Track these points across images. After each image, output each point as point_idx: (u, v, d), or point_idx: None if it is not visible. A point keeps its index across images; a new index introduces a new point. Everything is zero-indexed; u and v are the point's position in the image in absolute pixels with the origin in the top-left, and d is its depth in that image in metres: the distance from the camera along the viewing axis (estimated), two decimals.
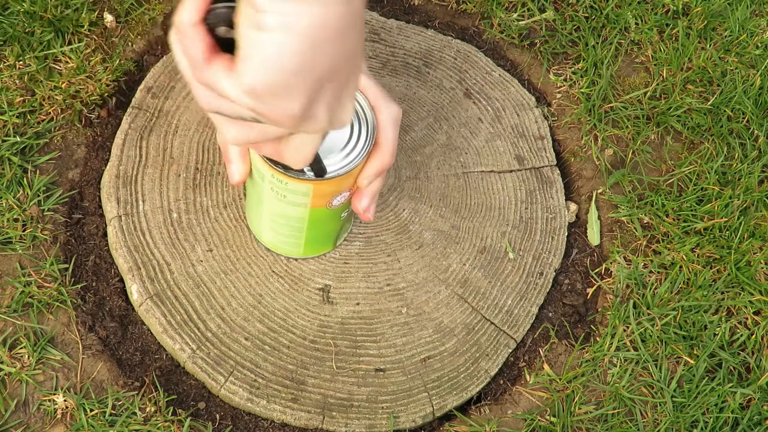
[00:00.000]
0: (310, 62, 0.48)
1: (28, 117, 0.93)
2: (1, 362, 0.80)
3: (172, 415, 0.80)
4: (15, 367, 0.80)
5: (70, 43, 0.98)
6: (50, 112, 0.94)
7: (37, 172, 0.90)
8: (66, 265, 0.86)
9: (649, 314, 0.91)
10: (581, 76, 1.07)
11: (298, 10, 0.45)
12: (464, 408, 0.86)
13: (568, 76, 1.07)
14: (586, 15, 1.12)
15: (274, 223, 0.81)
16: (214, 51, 0.51)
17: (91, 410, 0.79)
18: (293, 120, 0.51)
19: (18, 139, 0.91)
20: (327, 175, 0.70)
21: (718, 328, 0.91)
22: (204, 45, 0.51)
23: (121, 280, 0.87)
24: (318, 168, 0.70)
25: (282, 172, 0.70)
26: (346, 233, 0.90)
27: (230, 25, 0.50)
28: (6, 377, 0.80)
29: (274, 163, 0.69)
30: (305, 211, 0.76)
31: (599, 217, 0.99)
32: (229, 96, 0.50)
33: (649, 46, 1.11)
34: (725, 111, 1.06)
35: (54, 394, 0.79)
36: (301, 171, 0.70)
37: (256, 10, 0.46)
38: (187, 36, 0.51)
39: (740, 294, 0.94)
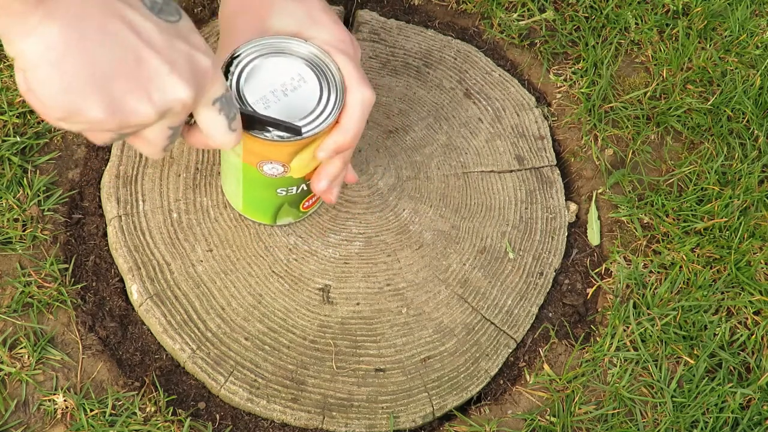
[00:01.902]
0: (62, 81, 0.54)
1: (28, 117, 0.93)
2: (1, 362, 0.80)
3: (172, 415, 0.80)
4: (15, 367, 0.80)
5: None
6: None
7: (37, 172, 0.90)
8: (66, 265, 0.86)
9: (649, 314, 0.91)
10: (581, 76, 1.07)
11: (23, 47, 0.53)
12: (464, 408, 0.86)
13: (568, 76, 1.07)
14: (586, 15, 1.12)
15: (224, 170, 0.84)
16: None
17: (91, 410, 0.79)
18: (106, 121, 0.57)
19: (18, 139, 0.91)
20: (253, 132, 0.70)
21: (718, 328, 0.91)
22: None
23: (121, 280, 0.87)
24: (285, 126, 0.70)
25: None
26: (298, 219, 0.88)
27: None
28: (6, 377, 0.80)
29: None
30: (238, 162, 0.77)
31: (599, 217, 0.99)
32: (61, 128, 0.60)
33: (649, 46, 1.11)
34: (725, 111, 1.06)
35: (54, 394, 0.79)
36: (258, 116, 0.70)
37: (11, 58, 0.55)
38: (26, 98, 0.59)
39: (740, 294, 0.94)
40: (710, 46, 1.11)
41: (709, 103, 1.06)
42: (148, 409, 0.80)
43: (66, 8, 0.53)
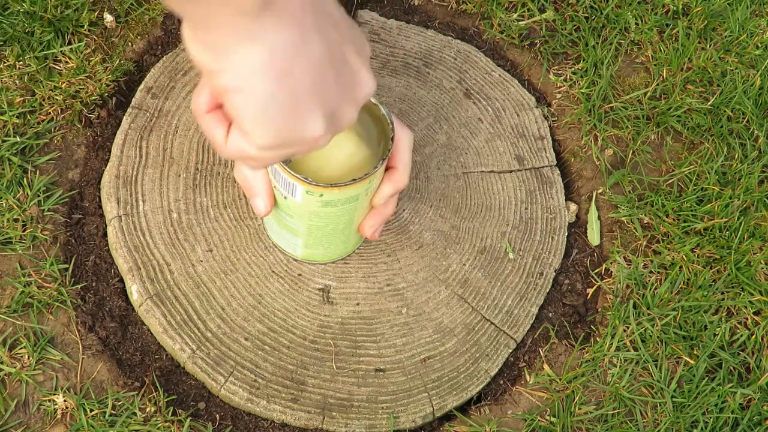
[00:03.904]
0: (289, 95, 0.47)
1: (28, 117, 0.93)
2: (1, 362, 0.80)
3: (172, 416, 0.80)
4: (15, 367, 0.80)
5: (70, 43, 0.98)
6: (50, 112, 0.94)
7: (37, 172, 0.90)
8: (66, 265, 0.86)
9: (649, 314, 0.91)
10: (581, 76, 1.07)
11: (241, 59, 0.45)
12: (464, 408, 0.86)
13: (568, 76, 1.07)
14: (586, 15, 1.12)
15: (329, 233, 0.81)
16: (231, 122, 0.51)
17: (91, 410, 0.79)
18: (322, 138, 0.51)
19: (18, 139, 0.91)
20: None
21: (718, 329, 0.91)
22: (222, 129, 0.51)
23: (121, 280, 0.87)
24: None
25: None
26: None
27: None
28: (6, 377, 0.80)
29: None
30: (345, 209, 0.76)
31: (599, 217, 0.99)
32: (255, 158, 0.51)
33: (649, 46, 1.11)
34: (725, 111, 1.06)
35: (54, 395, 0.79)
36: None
37: (212, 76, 0.46)
38: (202, 121, 0.52)
39: (740, 294, 0.94)
40: (710, 46, 1.11)
41: (709, 103, 1.06)
42: (148, 410, 0.80)
43: (290, 6, 0.44)
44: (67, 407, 0.79)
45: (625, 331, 0.90)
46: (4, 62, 0.95)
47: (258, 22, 0.43)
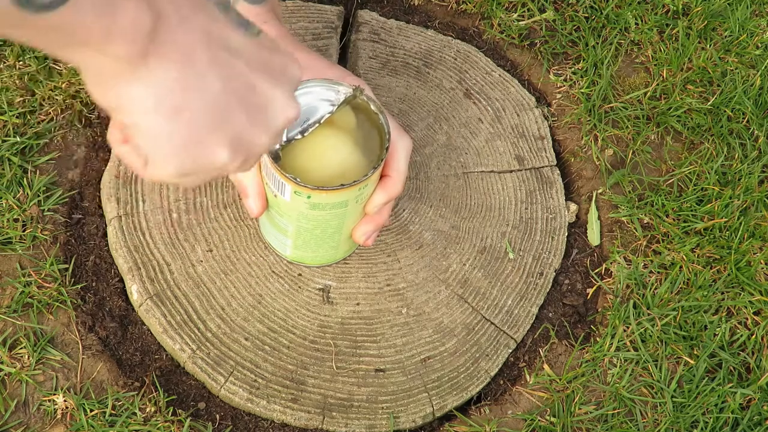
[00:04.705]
0: (186, 129, 0.48)
1: (28, 117, 0.93)
2: (1, 362, 0.80)
3: (172, 416, 0.80)
4: (15, 368, 0.80)
5: None
6: (50, 112, 0.94)
7: (37, 172, 0.90)
8: (66, 265, 0.86)
9: (649, 314, 0.91)
10: (581, 76, 1.07)
11: (132, 99, 0.46)
12: (464, 408, 0.86)
13: (568, 77, 1.07)
14: (586, 15, 1.12)
15: (322, 236, 0.81)
16: None
17: (91, 410, 0.79)
18: (231, 165, 0.52)
19: (18, 139, 0.91)
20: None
21: (718, 329, 0.91)
22: (136, 159, 0.52)
23: (121, 280, 0.87)
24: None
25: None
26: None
27: None
28: (6, 377, 0.80)
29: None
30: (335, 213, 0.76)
31: (599, 217, 0.99)
32: (175, 183, 0.53)
33: (649, 46, 1.11)
34: (725, 111, 1.06)
35: (54, 395, 0.79)
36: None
37: (112, 113, 0.47)
38: (119, 152, 0.52)
39: (740, 294, 0.94)
40: (710, 46, 1.11)
41: (709, 103, 1.06)
42: (148, 410, 0.80)
43: (178, 45, 0.46)
44: (67, 407, 0.79)
45: (625, 331, 0.90)
46: (4, 62, 0.95)
47: (142, 64, 0.44)
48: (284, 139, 0.70)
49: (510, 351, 0.89)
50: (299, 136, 0.70)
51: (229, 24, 0.50)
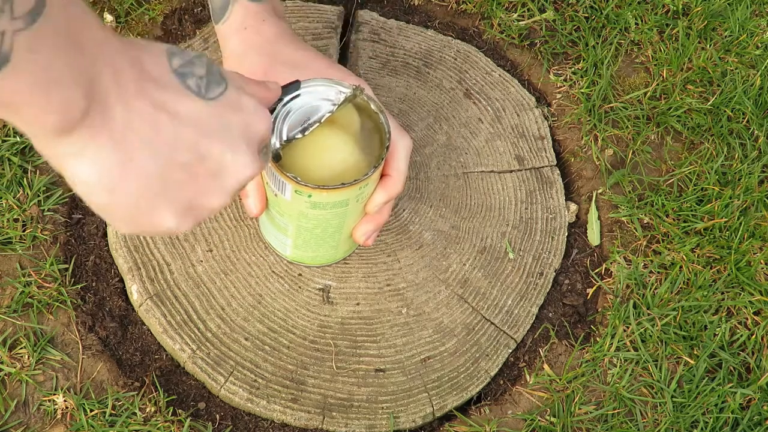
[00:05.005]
0: (125, 203, 0.48)
1: None
2: (1, 362, 0.80)
3: (172, 416, 0.80)
4: (15, 367, 0.80)
5: None
6: None
7: (37, 172, 0.90)
8: (66, 265, 0.86)
9: (649, 314, 0.91)
10: (581, 76, 1.07)
11: (71, 171, 0.46)
12: (464, 408, 0.86)
13: (568, 76, 1.07)
14: (586, 15, 1.12)
15: (321, 235, 0.81)
16: None
17: (91, 410, 0.79)
18: (181, 228, 0.52)
19: (18, 139, 0.91)
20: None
21: (718, 329, 0.91)
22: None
23: (121, 280, 0.87)
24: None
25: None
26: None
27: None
28: (6, 377, 0.80)
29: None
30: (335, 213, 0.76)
31: (599, 217, 0.99)
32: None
33: (649, 46, 1.11)
34: (725, 111, 1.06)
35: (54, 395, 0.79)
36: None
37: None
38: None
39: (740, 294, 0.94)
40: (710, 46, 1.11)
41: (709, 103, 1.06)
42: (148, 410, 0.80)
43: (111, 119, 0.45)
44: (67, 407, 0.79)
45: (625, 331, 0.90)
46: None
47: (76, 142, 0.44)
48: (285, 138, 0.70)
49: (510, 351, 0.89)
50: (300, 136, 0.70)
51: (183, 92, 0.49)
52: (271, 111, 0.70)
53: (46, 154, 0.46)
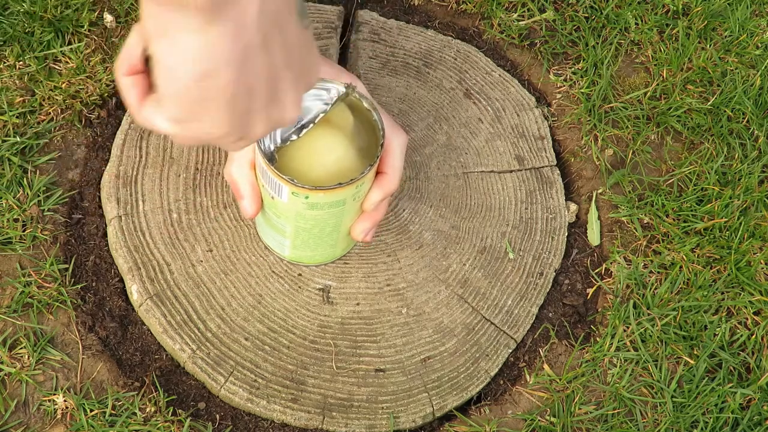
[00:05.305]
0: (202, 93, 0.49)
1: (28, 117, 0.93)
2: (1, 362, 0.80)
3: (172, 416, 0.80)
4: (15, 367, 0.80)
5: (70, 43, 0.98)
6: (50, 112, 0.94)
7: (37, 172, 0.90)
8: (66, 265, 0.86)
9: (649, 314, 0.91)
10: (581, 76, 1.07)
11: (178, 44, 0.47)
12: (464, 408, 0.86)
13: (568, 76, 1.07)
14: (586, 15, 1.12)
15: (317, 236, 0.81)
16: (148, 92, 0.54)
17: (91, 410, 0.79)
18: (223, 140, 0.53)
19: (18, 139, 0.91)
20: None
21: (718, 329, 0.91)
22: (135, 92, 0.54)
23: (121, 280, 0.87)
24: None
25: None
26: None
27: None
28: (6, 377, 0.80)
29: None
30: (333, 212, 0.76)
31: (599, 217, 0.99)
32: (162, 131, 0.54)
33: (649, 46, 1.11)
34: (725, 111, 1.06)
35: (54, 395, 0.79)
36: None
37: (151, 40, 0.49)
38: (120, 82, 0.54)
39: (740, 294, 0.94)
40: (710, 46, 1.11)
41: (709, 103, 1.06)
42: (148, 410, 0.80)
43: (243, 23, 0.47)
44: (67, 407, 0.79)
45: (625, 331, 0.90)
46: (4, 62, 0.95)
47: (206, 23, 0.46)
48: (279, 140, 0.70)
49: (510, 351, 0.89)
50: (295, 137, 0.70)
51: (293, 9, 0.51)
52: None
53: (163, 26, 0.47)
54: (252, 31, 0.48)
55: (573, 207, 0.99)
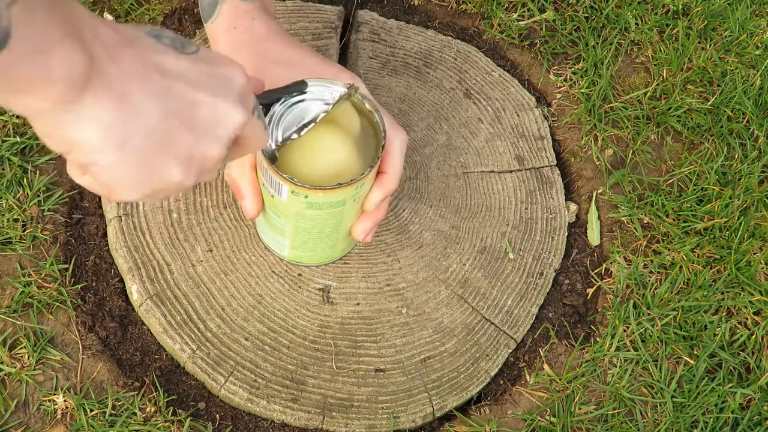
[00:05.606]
0: (135, 158, 0.50)
1: None
2: (1, 362, 0.80)
3: (172, 416, 0.80)
4: (15, 367, 0.80)
5: None
6: None
7: (37, 172, 0.90)
8: (66, 265, 0.86)
9: (649, 314, 0.91)
10: (581, 76, 1.07)
11: (78, 140, 0.47)
12: (464, 408, 0.86)
13: (568, 76, 1.07)
14: (586, 15, 1.12)
15: (317, 236, 0.81)
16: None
17: (91, 410, 0.79)
18: (186, 182, 0.54)
19: (18, 139, 0.91)
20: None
21: (718, 329, 0.91)
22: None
23: (121, 280, 0.87)
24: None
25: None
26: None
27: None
28: (6, 377, 0.80)
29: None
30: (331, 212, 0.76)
31: (599, 217, 0.99)
32: (142, 200, 0.56)
33: (649, 46, 1.11)
34: (725, 111, 1.06)
35: (54, 395, 0.79)
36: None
37: (65, 155, 0.50)
38: (83, 185, 0.55)
39: (740, 294, 0.94)
40: (710, 46, 1.11)
41: (709, 103, 1.06)
42: (148, 410, 0.80)
43: (109, 80, 0.47)
44: (67, 407, 0.79)
45: (625, 331, 0.90)
46: None
47: (82, 104, 0.46)
48: (280, 139, 0.70)
49: (510, 351, 0.89)
50: (296, 136, 0.70)
51: (162, 49, 0.51)
52: (268, 110, 0.70)
53: (47, 131, 0.47)
54: (123, 88, 0.48)
55: (573, 207, 0.99)
